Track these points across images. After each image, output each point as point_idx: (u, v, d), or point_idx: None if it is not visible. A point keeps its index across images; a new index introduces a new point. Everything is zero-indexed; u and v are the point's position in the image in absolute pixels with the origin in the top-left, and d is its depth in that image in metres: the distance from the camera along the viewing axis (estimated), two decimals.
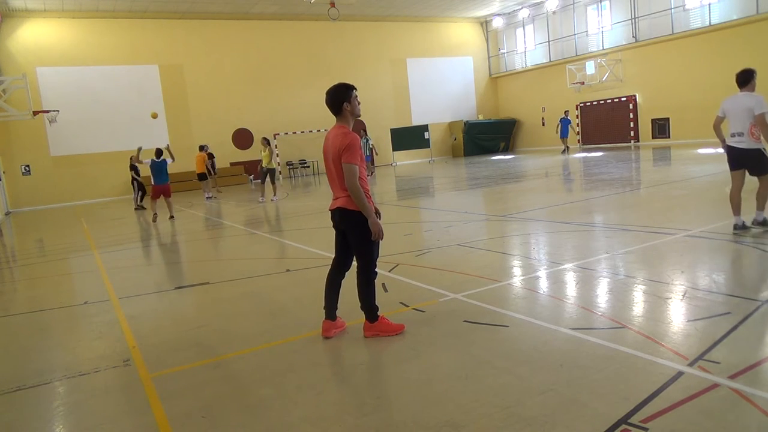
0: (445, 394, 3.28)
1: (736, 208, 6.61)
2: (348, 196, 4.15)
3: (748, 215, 6.69)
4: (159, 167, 13.73)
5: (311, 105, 25.90)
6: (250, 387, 3.69)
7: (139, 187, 18.56)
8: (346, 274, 4.54)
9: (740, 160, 6.55)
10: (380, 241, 4.27)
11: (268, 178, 16.35)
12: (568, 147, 26.09)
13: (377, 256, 4.33)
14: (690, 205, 9.18)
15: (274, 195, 16.46)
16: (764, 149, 6.41)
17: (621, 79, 26.42)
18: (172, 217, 14.12)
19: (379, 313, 4.37)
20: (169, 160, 13.85)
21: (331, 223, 4.45)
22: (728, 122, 6.54)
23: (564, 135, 25.67)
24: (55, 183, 23.68)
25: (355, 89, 4.30)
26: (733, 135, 6.50)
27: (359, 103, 4.31)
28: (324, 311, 4.47)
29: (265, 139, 16.50)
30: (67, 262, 9.69)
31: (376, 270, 4.35)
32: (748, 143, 6.37)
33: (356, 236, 4.22)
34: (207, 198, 19.14)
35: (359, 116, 4.40)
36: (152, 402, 3.58)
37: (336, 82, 4.36)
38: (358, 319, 4.63)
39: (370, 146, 21.89)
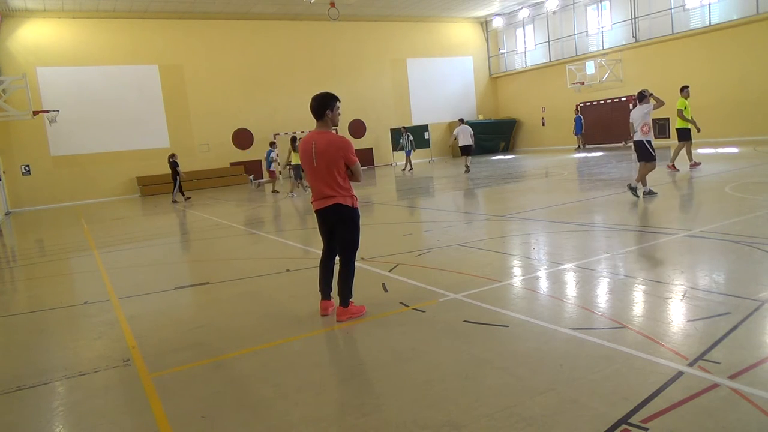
0: (445, 394, 3.28)
1: None
2: (343, 195, 4.65)
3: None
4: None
5: None
6: (250, 387, 3.69)
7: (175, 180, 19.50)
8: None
9: None
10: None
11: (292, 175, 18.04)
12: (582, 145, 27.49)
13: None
14: (690, 205, 9.18)
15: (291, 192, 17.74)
16: None
17: (621, 79, 26.40)
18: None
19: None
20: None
21: (319, 220, 4.86)
22: None
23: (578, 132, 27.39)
24: (55, 183, 23.66)
25: (339, 101, 4.74)
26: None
27: (339, 114, 4.75)
28: (320, 293, 4.97)
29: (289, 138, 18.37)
30: (67, 262, 9.69)
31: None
32: None
33: (349, 228, 4.75)
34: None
35: (337, 126, 4.83)
36: (152, 402, 3.58)
37: (334, 84, 4.48)
38: (353, 322, 4.73)
39: (411, 140, 23.87)
